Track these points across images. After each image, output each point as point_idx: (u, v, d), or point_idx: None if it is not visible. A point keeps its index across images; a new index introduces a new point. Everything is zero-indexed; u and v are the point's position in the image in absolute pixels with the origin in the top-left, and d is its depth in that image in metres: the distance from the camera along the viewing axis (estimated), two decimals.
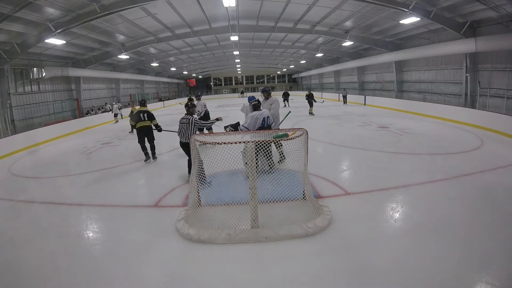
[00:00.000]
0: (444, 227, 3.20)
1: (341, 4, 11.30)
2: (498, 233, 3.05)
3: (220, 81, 44.76)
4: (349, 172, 5.56)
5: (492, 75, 11.09)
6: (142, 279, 2.60)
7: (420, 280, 2.40)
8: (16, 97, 13.10)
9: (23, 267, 2.85)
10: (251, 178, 3.15)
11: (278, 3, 11.76)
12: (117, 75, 21.59)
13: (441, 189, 4.32)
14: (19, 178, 6.25)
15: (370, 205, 3.89)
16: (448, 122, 10.47)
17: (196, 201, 3.68)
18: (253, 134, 4.05)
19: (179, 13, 12.23)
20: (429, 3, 9.88)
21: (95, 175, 6.03)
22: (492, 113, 9.03)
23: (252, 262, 2.80)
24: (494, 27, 10.14)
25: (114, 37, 14.41)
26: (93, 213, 4.16)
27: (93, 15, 9.73)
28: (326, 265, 2.67)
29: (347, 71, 24.85)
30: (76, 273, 2.73)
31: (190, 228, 3.25)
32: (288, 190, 3.71)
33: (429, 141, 7.46)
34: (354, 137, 8.29)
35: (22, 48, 11.20)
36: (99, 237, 3.48)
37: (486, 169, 5.06)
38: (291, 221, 3.29)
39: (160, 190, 4.73)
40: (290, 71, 41.13)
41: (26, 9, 8.84)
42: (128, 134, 11.27)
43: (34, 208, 4.42)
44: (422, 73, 15.63)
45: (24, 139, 9.80)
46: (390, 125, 10.22)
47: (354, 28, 14.76)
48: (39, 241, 3.37)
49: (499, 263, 2.59)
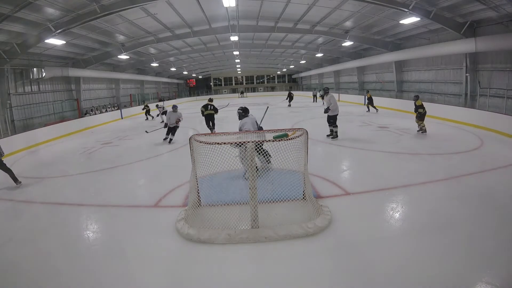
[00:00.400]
0: (444, 227, 3.20)
1: (341, 4, 11.30)
2: (498, 233, 3.05)
3: (220, 81, 44.75)
4: (349, 172, 5.56)
5: (492, 75, 11.08)
6: (142, 279, 2.60)
7: (420, 280, 2.39)
8: (16, 97, 13.10)
9: (23, 267, 2.85)
10: (251, 178, 3.15)
11: (278, 3, 11.76)
12: (117, 75, 21.59)
13: (441, 189, 4.32)
14: (19, 178, 6.23)
15: (370, 205, 3.89)
16: (448, 122, 10.47)
17: (196, 201, 3.69)
18: (253, 135, 4.05)
19: (179, 13, 12.23)
20: (429, 3, 9.88)
21: (95, 175, 6.04)
22: (492, 113, 9.04)
23: (252, 262, 2.80)
24: (494, 27, 10.13)
25: (114, 37, 14.41)
26: (93, 213, 4.16)
27: (93, 15, 9.73)
28: (326, 265, 2.67)
29: (347, 71, 24.85)
30: (76, 273, 2.73)
31: (190, 228, 3.25)
32: (288, 190, 3.71)
33: (429, 141, 7.46)
34: (354, 137, 8.29)
35: (22, 48, 11.20)
36: (99, 237, 3.48)
37: (486, 169, 5.06)
38: (291, 221, 3.29)
39: (160, 190, 4.73)
40: (290, 71, 41.12)
41: (26, 9, 8.84)
42: (128, 134, 11.30)
43: (34, 208, 4.43)
44: (422, 73, 15.63)
45: (24, 139, 9.80)
46: (390, 125, 10.23)
47: (354, 28, 14.76)
48: (39, 241, 3.37)
49: (499, 263, 2.58)
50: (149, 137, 10.44)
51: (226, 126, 11.60)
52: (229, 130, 4.45)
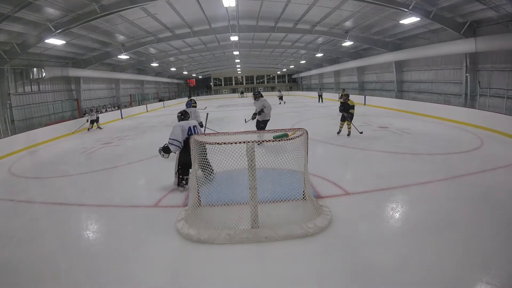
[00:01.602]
0: (444, 227, 3.20)
1: (341, 4, 11.30)
2: (498, 233, 3.05)
3: (220, 81, 44.75)
4: (349, 172, 5.56)
5: (492, 75, 11.09)
6: (142, 279, 2.60)
7: (420, 280, 2.40)
8: (16, 97, 13.09)
9: (23, 267, 2.85)
10: (251, 178, 3.15)
11: (278, 3, 11.77)
12: (117, 75, 21.59)
13: (441, 189, 4.32)
14: (19, 178, 6.24)
15: (370, 205, 3.88)
16: (448, 122, 10.47)
17: (196, 201, 3.68)
18: (252, 135, 4.04)
19: (179, 13, 12.23)
20: (429, 3, 9.88)
21: (95, 175, 6.03)
22: (492, 113, 9.03)
23: (252, 262, 2.80)
24: (494, 27, 10.13)
25: (114, 37, 14.41)
26: (93, 213, 4.16)
27: (93, 15, 9.73)
28: (326, 265, 2.67)
29: (347, 71, 24.85)
30: (76, 273, 2.73)
31: (190, 228, 3.25)
32: (288, 190, 3.71)
33: (429, 141, 7.46)
34: (354, 137, 8.28)
35: (22, 48, 11.20)
36: (99, 237, 3.47)
37: (486, 169, 5.06)
38: (291, 221, 3.29)
39: (160, 190, 4.73)
40: (290, 71, 41.11)
41: (26, 9, 8.84)
42: (128, 134, 11.32)
43: (34, 208, 4.42)
44: (422, 73, 15.63)
45: (24, 139, 9.80)
46: (390, 125, 10.22)
47: (354, 28, 14.76)
48: (39, 241, 3.37)
49: (499, 263, 2.58)
50: (149, 137, 10.45)
51: (227, 126, 11.62)
52: (229, 130, 4.45)
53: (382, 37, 15.72)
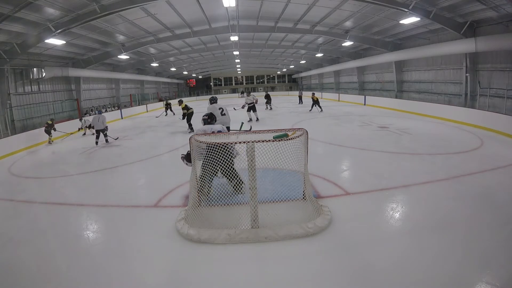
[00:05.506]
0: (444, 227, 3.20)
1: (341, 4, 11.29)
2: (498, 233, 3.05)
3: (220, 81, 44.73)
4: (349, 172, 5.56)
5: (492, 75, 11.08)
6: (142, 279, 2.60)
7: (420, 280, 2.40)
8: (16, 97, 13.09)
9: (23, 267, 2.85)
10: (251, 178, 3.15)
11: (278, 3, 11.76)
12: (117, 75, 21.58)
13: (441, 189, 4.32)
14: (19, 178, 6.24)
15: (370, 205, 3.89)
16: (448, 122, 10.47)
17: (196, 201, 3.68)
18: (252, 135, 4.04)
19: (179, 13, 12.22)
20: (429, 3, 9.87)
21: (95, 175, 6.04)
22: (492, 113, 9.04)
23: (252, 262, 2.80)
24: (494, 27, 10.13)
25: (114, 37, 14.40)
26: (93, 213, 4.16)
27: (93, 15, 9.72)
28: (326, 265, 2.67)
29: (347, 71, 24.84)
30: (76, 273, 2.73)
31: (190, 228, 3.25)
32: (288, 190, 3.72)
33: (429, 141, 7.46)
34: (354, 137, 8.29)
35: (22, 48, 11.19)
36: (99, 237, 3.48)
37: (486, 169, 5.06)
38: (291, 221, 3.29)
39: (160, 190, 4.73)
40: (290, 71, 41.08)
41: (26, 9, 8.83)
42: (128, 134, 11.40)
43: (34, 208, 4.42)
44: (422, 73, 15.62)
45: (24, 139, 9.80)
46: (390, 125, 10.22)
47: (354, 28, 14.75)
48: (39, 241, 3.37)
49: (499, 263, 2.58)
50: (149, 137, 10.45)
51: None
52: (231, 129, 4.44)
53: (382, 37, 15.72)
